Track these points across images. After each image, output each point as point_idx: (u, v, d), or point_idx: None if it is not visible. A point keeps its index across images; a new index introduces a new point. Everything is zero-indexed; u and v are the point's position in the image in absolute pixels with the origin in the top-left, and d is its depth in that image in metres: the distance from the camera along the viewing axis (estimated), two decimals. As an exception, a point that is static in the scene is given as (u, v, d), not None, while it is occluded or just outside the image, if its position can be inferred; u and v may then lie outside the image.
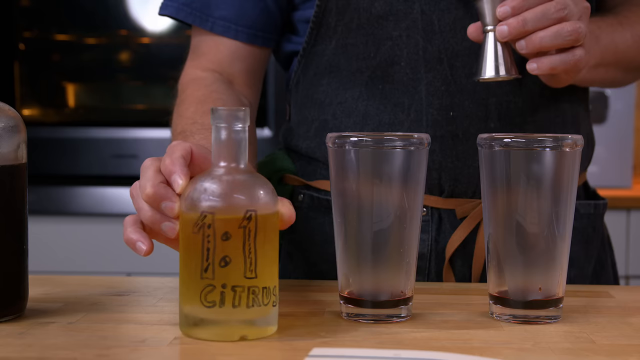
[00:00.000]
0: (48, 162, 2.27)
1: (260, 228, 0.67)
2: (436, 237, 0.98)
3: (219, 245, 0.66)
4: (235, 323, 0.67)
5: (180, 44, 2.32)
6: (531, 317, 0.75)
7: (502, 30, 0.86)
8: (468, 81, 0.96)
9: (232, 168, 0.68)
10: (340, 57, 0.98)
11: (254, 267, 0.67)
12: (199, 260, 0.67)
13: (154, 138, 2.26)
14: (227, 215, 0.66)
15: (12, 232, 0.73)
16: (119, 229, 2.54)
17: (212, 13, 1.01)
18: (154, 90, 2.40)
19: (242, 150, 0.68)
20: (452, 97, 0.96)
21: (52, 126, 2.33)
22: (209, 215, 0.66)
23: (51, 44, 2.37)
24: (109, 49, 2.37)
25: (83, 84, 2.43)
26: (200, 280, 0.67)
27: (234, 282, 0.66)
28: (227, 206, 0.66)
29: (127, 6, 2.31)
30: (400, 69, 0.96)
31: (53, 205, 2.23)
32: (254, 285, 0.67)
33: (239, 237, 0.66)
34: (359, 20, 0.96)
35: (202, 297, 0.66)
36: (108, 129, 2.29)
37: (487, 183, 0.76)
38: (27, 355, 0.64)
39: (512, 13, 0.86)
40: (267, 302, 0.68)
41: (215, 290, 0.66)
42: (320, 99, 1.01)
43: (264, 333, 0.69)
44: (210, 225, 0.66)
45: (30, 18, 2.35)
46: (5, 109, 0.73)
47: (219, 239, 0.66)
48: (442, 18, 0.95)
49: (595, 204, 1.05)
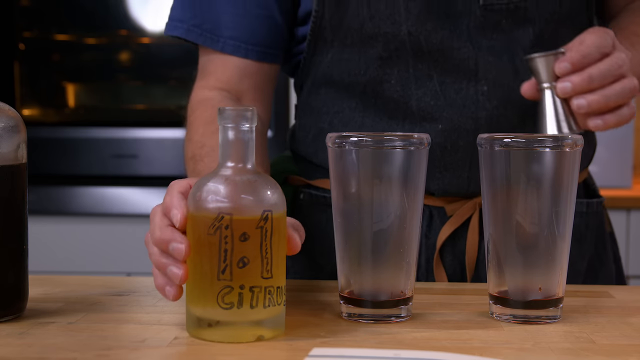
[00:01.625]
0: (48, 162, 2.27)
1: (275, 228, 0.67)
2: (427, 233, 1.01)
3: (237, 246, 0.66)
4: (251, 324, 0.67)
5: (180, 44, 2.32)
6: (531, 317, 0.75)
7: (565, 87, 0.87)
8: (458, 96, 0.97)
9: (239, 168, 0.68)
10: (335, 70, 1.01)
11: (270, 267, 0.67)
12: (215, 261, 0.66)
13: (154, 138, 2.26)
14: (245, 216, 0.66)
15: (12, 232, 0.73)
16: (119, 229, 2.55)
17: (222, 33, 1.02)
18: (154, 90, 2.40)
19: (250, 151, 0.68)
20: (442, 111, 0.98)
21: (52, 126, 2.33)
22: (227, 216, 0.65)
23: (51, 44, 2.37)
24: (109, 49, 2.37)
25: (83, 84, 2.43)
26: (217, 281, 0.66)
27: (252, 283, 0.66)
28: (244, 207, 0.66)
29: (127, 6, 2.31)
30: (390, 87, 0.99)
31: (53, 205, 2.23)
32: (270, 285, 0.67)
33: (257, 238, 0.66)
34: (351, 38, 0.98)
35: (219, 298, 0.66)
36: (108, 129, 2.29)
37: (487, 183, 0.76)
38: (27, 355, 0.64)
39: (572, 69, 0.87)
40: (280, 302, 0.68)
41: (233, 292, 0.66)
42: (318, 106, 1.03)
43: (277, 333, 0.69)
44: (228, 227, 0.66)
45: (30, 18, 2.35)
46: (5, 109, 0.73)
47: (237, 240, 0.66)
48: (429, 38, 0.97)
49: (588, 203, 1.06)
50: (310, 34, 1.00)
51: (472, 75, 0.97)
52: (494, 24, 0.97)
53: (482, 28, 0.97)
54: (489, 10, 0.97)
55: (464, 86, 0.97)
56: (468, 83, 0.97)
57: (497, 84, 0.98)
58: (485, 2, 0.96)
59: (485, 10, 0.97)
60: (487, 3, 0.96)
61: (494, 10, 0.97)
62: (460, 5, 0.96)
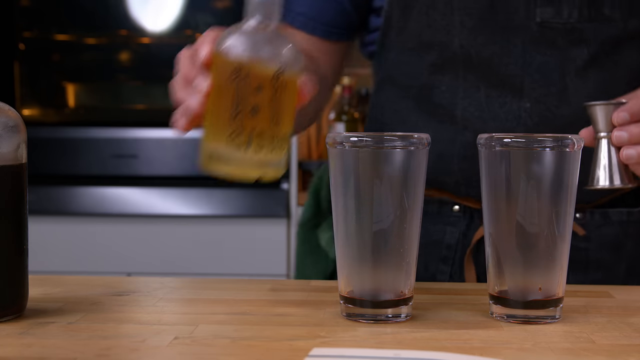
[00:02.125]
0: (48, 162, 2.28)
1: (288, 82, 0.73)
2: (465, 232, 1.06)
3: (251, 95, 0.72)
4: (256, 164, 0.74)
5: (180, 44, 2.32)
6: (531, 317, 0.75)
7: (621, 137, 0.86)
8: (501, 110, 1.00)
9: (264, 25, 0.73)
10: (396, 70, 1.06)
11: (279, 117, 0.74)
12: (230, 106, 0.72)
13: (154, 138, 2.26)
14: (262, 68, 0.72)
15: (12, 232, 0.73)
16: (119, 229, 2.55)
17: (293, 9, 1.09)
18: (154, 90, 2.40)
19: (276, 9, 0.74)
20: (484, 123, 1.01)
21: (52, 126, 2.34)
22: (245, 67, 0.71)
23: (51, 44, 2.37)
24: (109, 49, 2.37)
25: (83, 84, 2.43)
26: (231, 123, 0.72)
27: (261, 129, 0.73)
28: (262, 60, 0.72)
29: (127, 6, 2.31)
30: (440, 93, 1.03)
31: (53, 205, 2.24)
32: (277, 132, 0.74)
33: (270, 90, 0.73)
34: (411, 42, 1.03)
35: (231, 138, 0.72)
36: (108, 129, 2.29)
37: (487, 183, 0.76)
38: (27, 355, 0.64)
39: (630, 120, 0.86)
40: (284, 147, 0.75)
41: (243, 134, 0.72)
42: (382, 102, 1.09)
43: (278, 174, 0.75)
44: (246, 77, 0.71)
45: (30, 18, 2.35)
46: (5, 109, 0.73)
47: (252, 89, 0.72)
48: (480, 52, 1.00)
49: (629, 212, 1.06)
50: (380, 31, 1.06)
51: (517, 91, 0.99)
52: (549, 41, 0.99)
53: (536, 44, 0.99)
54: (545, 27, 0.99)
55: (508, 101, 1.00)
56: (512, 98, 0.99)
57: (540, 102, 0.99)
58: (542, 19, 0.98)
59: (541, 27, 0.99)
60: (544, 20, 0.98)
61: (550, 28, 0.99)
62: (517, 21, 0.99)
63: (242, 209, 2.21)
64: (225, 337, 0.69)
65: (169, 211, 2.22)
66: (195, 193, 2.21)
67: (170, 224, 2.23)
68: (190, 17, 2.30)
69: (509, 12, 0.99)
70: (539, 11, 0.99)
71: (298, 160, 2.27)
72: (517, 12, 0.99)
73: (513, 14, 0.99)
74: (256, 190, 2.22)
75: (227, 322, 0.74)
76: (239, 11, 2.06)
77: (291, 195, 2.24)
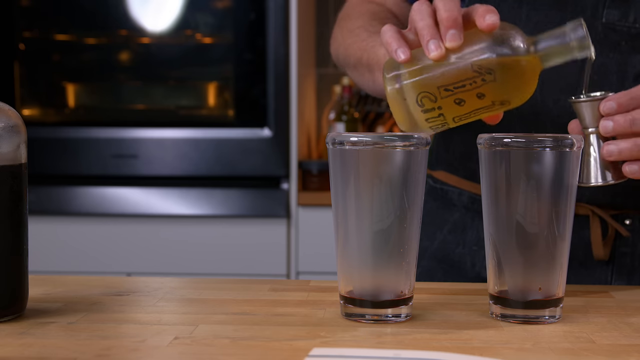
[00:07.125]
0: (48, 162, 2.28)
1: (492, 110, 0.82)
2: None
3: (469, 97, 0.79)
4: (413, 122, 0.81)
5: (180, 44, 2.33)
6: (531, 317, 0.75)
7: (606, 126, 0.84)
8: (554, 106, 1.00)
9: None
10: None
11: (463, 118, 0.81)
12: (450, 80, 0.78)
13: (154, 138, 2.26)
14: (494, 85, 0.78)
15: (12, 232, 0.73)
16: (119, 229, 2.55)
17: None
18: (154, 90, 2.40)
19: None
20: (537, 117, 1.01)
21: (52, 126, 2.34)
22: (489, 76, 0.78)
23: (51, 44, 2.37)
24: (109, 49, 2.37)
25: (83, 84, 2.43)
26: (436, 89, 0.79)
27: (449, 114, 0.80)
28: (501, 85, 0.79)
29: (127, 6, 2.31)
30: None
31: (53, 205, 2.24)
32: (450, 123, 0.82)
33: (476, 104, 0.80)
34: None
35: (421, 99, 0.79)
36: (108, 129, 2.29)
37: (487, 183, 0.76)
38: (27, 355, 0.64)
39: (617, 110, 0.85)
40: (436, 131, 0.83)
41: (435, 104, 0.79)
42: None
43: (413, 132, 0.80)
44: (484, 81, 0.78)
45: (30, 18, 2.35)
46: (5, 109, 0.73)
47: (473, 94, 0.79)
48: None
49: None
50: None
51: (572, 89, 0.99)
52: (613, 44, 0.98)
53: (600, 45, 0.98)
54: (610, 29, 0.98)
55: (562, 98, 0.99)
56: (567, 96, 0.99)
57: None
58: (607, 20, 0.98)
59: (606, 29, 0.98)
60: (609, 22, 0.98)
61: (615, 30, 0.98)
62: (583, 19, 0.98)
63: (242, 209, 2.21)
64: (225, 337, 0.69)
65: (169, 211, 2.22)
66: (195, 193, 2.21)
67: (170, 224, 2.23)
68: (190, 17, 2.30)
69: (576, 10, 0.99)
70: (606, 12, 0.98)
71: (298, 160, 2.27)
72: (584, 10, 0.98)
73: (580, 13, 0.98)
74: (256, 190, 2.22)
75: (227, 322, 0.74)
76: (239, 11, 2.08)
77: (291, 195, 2.24)
